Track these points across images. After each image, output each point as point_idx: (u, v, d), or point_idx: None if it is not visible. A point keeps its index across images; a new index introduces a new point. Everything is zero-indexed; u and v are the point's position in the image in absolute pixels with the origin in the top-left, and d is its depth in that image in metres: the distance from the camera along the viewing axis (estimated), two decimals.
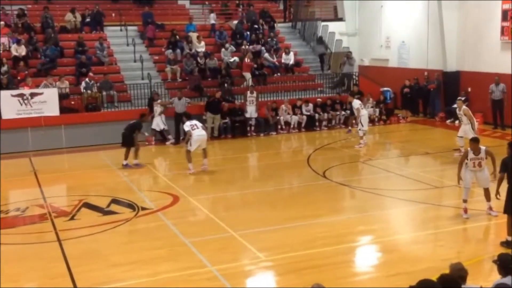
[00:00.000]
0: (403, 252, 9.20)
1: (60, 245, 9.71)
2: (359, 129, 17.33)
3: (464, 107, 15.18)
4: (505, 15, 19.10)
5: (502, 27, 19.27)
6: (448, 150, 16.04)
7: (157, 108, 18.65)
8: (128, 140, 15.40)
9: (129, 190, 13.32)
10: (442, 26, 21.25)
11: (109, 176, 14.70)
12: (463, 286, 5.28)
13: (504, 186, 9.08)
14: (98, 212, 11.62)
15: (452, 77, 21.44)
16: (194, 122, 14.74)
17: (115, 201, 12.28)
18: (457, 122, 18.73)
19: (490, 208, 10.47)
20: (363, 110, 17.47)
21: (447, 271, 5.49)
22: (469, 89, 20.52)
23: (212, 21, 24.09)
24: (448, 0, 20.83)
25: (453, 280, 5.12)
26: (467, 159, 10.31)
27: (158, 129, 18.78)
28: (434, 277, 5.26)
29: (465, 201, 10.48)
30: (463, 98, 16.90)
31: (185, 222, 10.88)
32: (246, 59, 21.49)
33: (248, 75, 21.39)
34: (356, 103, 17.38)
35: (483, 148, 10.33)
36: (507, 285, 5.11)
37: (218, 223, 10.58)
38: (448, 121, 20.47)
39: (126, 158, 15.42)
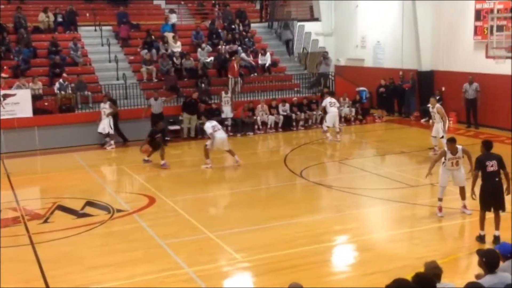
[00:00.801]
0: (379, 250, 9.26)
1: (34, 248, 9.56)
2: (323, 125, 18.46)
3: (437, 105, 15.39)
4: (478, 15, 19.37)
5: (475, 27, 19.53)
6: (423, 149, 16.22)
7: (105, 110, 17.97)
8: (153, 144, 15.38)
9: (104, 192, 13.17)
10: (416, 26, 21.47)
11: (84, 178, 14.50)
12: (437, 284, 5.31)
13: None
14: (72, 214, 11.45)
15: (426, 76, 21.68)
16: (214, 123, 15.01)
17: (89, 203, 12.11)
18: (430, 120, 19.11)
19: (465, 207, 10.61)
20: (331, 108, 18.22)
21: (422, 269, 5.52)
22: (443, 88, 20.77)
23: (173, 21, 23.85)
24: (423, 0, 21.06)
25: (428, 279, 5.14)
26: (445, 159, 10.44)
27: (104, 132, 18.01)
28: (409, 276, 5.28)
29: (440, 199, 10.60)
30: (437, 97, 17.11)
31: (161, 223, 10.78)
32: (235, 65, 21.37)
33: (233, 78, 21.27)
34: (325, 101, 18.39)
35: (460, 147, 10.48)
36: (480, 285, 5.14)
37: (195, 224, 10.52)
38: (422, 120, 20.69)
39: (162, 158, 15.26)
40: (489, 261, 5.68)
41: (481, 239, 9.07)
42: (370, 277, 8.01)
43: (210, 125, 14.81)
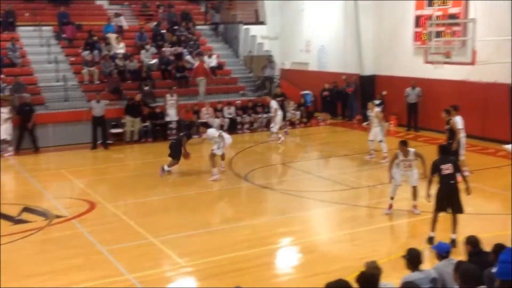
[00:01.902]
0: (321, 252, 9.37)
1: None
2: (271, 127, 18.70)
3: (376, 109, 15.75)
4: (417, 21, 19.95)
5: (415, 33, 20.11)
6: (365, 152, 16.50)
7: (4, 115, 17.20)
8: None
9: (42, 198, 12.75)
10: (358, 32, 21.91)
11: (21, 183, 14.02)
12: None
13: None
14: (8, 221, 11.01)
15: (368, 80, 22.15)
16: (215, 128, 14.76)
17: (27, 209, 11.68)
18: (366, 123, 19.49)
19: (415, 207, 10.86)
20: (278, 110, 18.46)
21: (363, 270, 5.59)
22: (384, 92, 21.27)
23: (124, 23, 23.45)
24: (365, 3, 21.49)
25: (371, 278, 5.21)
26: (398, 161, 10.69)
27: (7, 138, 17.28)
28: (350, 276, 5.34)
29: (392, 198, 10.84)
30: (377, 102, 17.50)
31: (102, 229, 10.52)
32: (204, 66, 21.27)
33: (203, 80, 21.11)
34: (274, 103, 18.67)
35: (412, 150, 10.78)
36: (414, 284, 5.27)
37: (137, 229, 10.32)
38: (364, 124, 21.08)
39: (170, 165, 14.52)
40: (412, 259, 5.88)
41: (430, 240, 9.01)
42: (312, 278, 8.06)
43: (214, 130, 14.51)
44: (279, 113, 18.59)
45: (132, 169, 15.86)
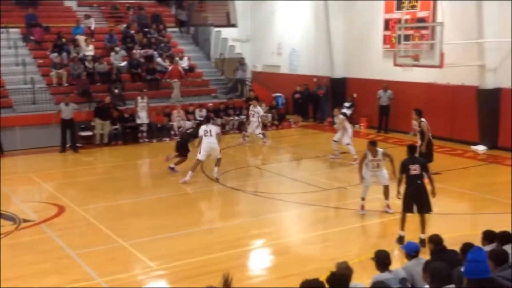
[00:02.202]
0: (294, 253, 9.38)
1: None
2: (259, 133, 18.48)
3: (340, 116, 15.92)
4: (386, 24, 20.22)
5: (384, 36, 20.37)
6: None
7: None
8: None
9: (10, 202, 12.46)
10: (329, 35, 22.09)
11: None
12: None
13: None
14: None
15: (339, 83, 22.34)
16: (210, 127, 13.90)
17: None
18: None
19: (388, 206, 10.96)
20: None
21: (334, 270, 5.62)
22: (355, 95, 21.47)
23: (92, 26, 23.14)
24: (335, 7, 21.65)
25: (341, 279, 5.22)
26: (367, 161, 10.80)
27: None
28: (322, 277, 5.35)
29: (363, 199, 10.92)
30: (348, 104, 17.59)
31: (71, 233, 10.36)
32: (180, 68, 21.10)
33: (177, 83, 20.96)
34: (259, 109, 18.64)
35: (380, 150, 10.91)
36: (384, 284, 5.32)
37: (107, 233, 10.19)
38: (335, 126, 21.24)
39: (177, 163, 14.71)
40: (380, 260, 5.93)
41: (400, 240, 9.13)
42: (284, 280, 8.07)
43: (203, 128, 13.87)
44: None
45: (102, 172, 15.65)
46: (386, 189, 10.95)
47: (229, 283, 4.44)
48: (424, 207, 9.15)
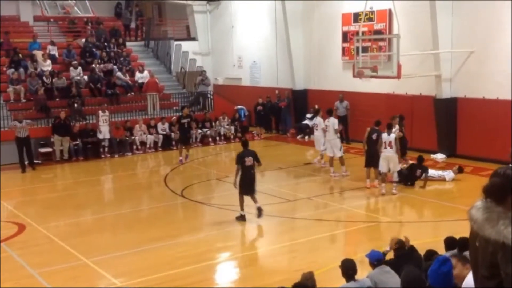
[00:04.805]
0: (259, 265, 9.39)
1: None
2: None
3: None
4: (345, 36, 20.56)
5: (343, 48, 20.71)
6: (299, 165, 16.78)
7: None
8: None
9: None
10: (289, 47, 22.31)
11: None
12: None
13: None
14: None
15: (300, 95, 22.54)
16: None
17: None
18: (306, 137, 19.99)
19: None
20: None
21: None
22: (317, 106, 21.64)
23: (53, 52, 22.56)
24: (294, 20, 21.90)
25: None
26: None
27: None
28: None
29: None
30: (309, 116, 17.72)
31: (32, 252, 10.11)
32: (156, 80, 21.05)
33: (153, 95, 20.80)
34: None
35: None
36: None
37: (70, 251, 9.98)
38: (298, 137, 21.43)
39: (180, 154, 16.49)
40: (346, 270, 6.01)
41: (242, 217, 11.37)
42: None
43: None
44: None
45: (63, 189, 15.35)
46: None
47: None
48: (252, 191, 11.51)
